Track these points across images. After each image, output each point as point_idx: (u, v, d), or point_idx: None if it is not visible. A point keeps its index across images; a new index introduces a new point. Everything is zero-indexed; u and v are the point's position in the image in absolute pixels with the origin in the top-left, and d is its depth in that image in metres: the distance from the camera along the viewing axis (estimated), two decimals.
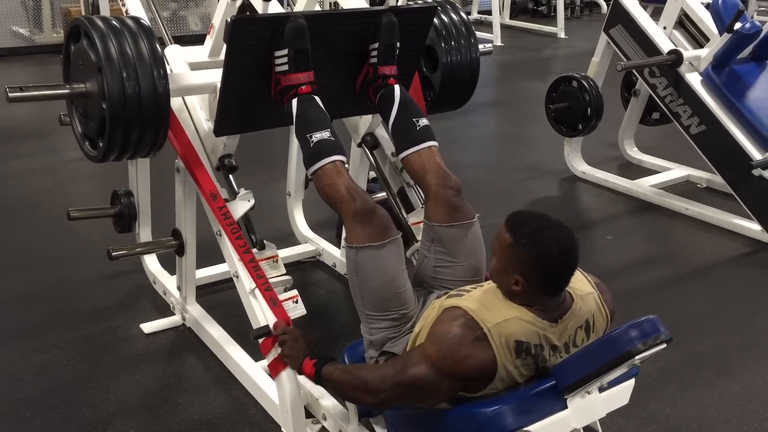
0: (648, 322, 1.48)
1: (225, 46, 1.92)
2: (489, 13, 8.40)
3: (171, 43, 2.37)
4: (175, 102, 2.15)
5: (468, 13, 9.54)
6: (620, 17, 3.78)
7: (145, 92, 1.90)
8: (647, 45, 3.65)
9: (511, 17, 9.24)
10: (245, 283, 2.05)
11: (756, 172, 3.27)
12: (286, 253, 3.03)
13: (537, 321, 1.58)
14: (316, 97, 1.97)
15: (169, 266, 2.76)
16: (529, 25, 9.03)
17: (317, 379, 1.79)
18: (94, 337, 2.56)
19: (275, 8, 2.26)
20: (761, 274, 3.16)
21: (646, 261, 3.27)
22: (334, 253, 3.01)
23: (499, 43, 8.02)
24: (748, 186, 3.38)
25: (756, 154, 3.32)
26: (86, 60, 1.93)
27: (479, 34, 8.18)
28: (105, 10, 5.26)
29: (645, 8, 3.86)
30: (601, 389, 1.61)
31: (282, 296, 2.03)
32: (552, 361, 1.60)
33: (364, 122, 2.49)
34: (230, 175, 2.20)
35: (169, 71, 2.03)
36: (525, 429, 1.54)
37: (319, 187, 1.90)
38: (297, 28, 1.91)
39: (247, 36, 1.90)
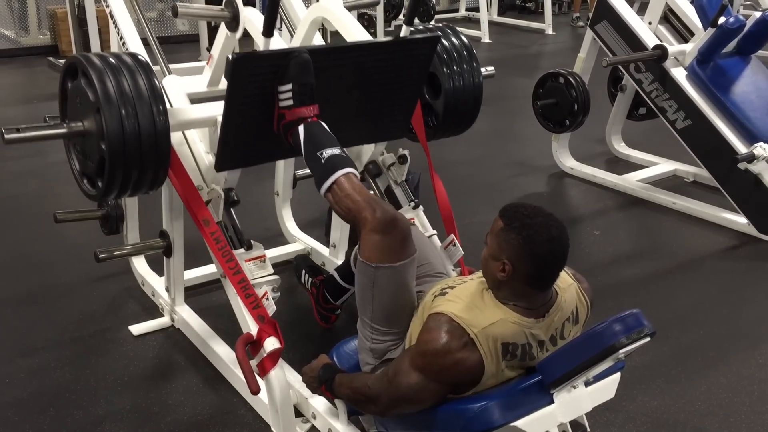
0: (632, 316, 1.49)
1: (227, 82, 1.88)
2: (477, 10, 8.40)
3: (168, 73, 2.32)
4: (175, 136, 2.08)
5: (456, 11, 9.55)
6: (605, 13, 3.79)
7: (145, 131, 1.86)
8: (632, 40, 3.67)
9: (499, 14, 9.25)
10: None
11: (741, 165, 3.30)
12: (274, 252, 3.03)
13: (522, 320, 1.59)
14: (323, 123, 1.94)
15: (158, 268, 2.75)
16: (517, 21, 9.05)
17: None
18: (83, 339, 2.55)
19: (277, 43, 2.21)
20: (747, 266, 3.18)
21: (633, 255, 3.29)
22: (323, 252, 3.01)
23: (486, 39, 8.03)
24: (734, 179, 3.41)
25: (741, 148, 3.34)
26: (84, 99, 1.89)
27: (467, 31, 8.19)
28: (91, 12, 5.26)
29: (631, 4, 3.89)
30: (587, 383, 1.63)
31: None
32: (539, 356, 1.62)
33: (366, 151, 2.48)
34: (231, 209, 2.17)
35: (168, 105, 1.99)
36: (512, 424, 1.55)
37: (336, 201, 1.81)
38: (302, 63, 1.88)
39: (250, 72, 1.87)
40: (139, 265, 2.86)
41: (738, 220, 3.46)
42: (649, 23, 3.77)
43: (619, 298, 2.82)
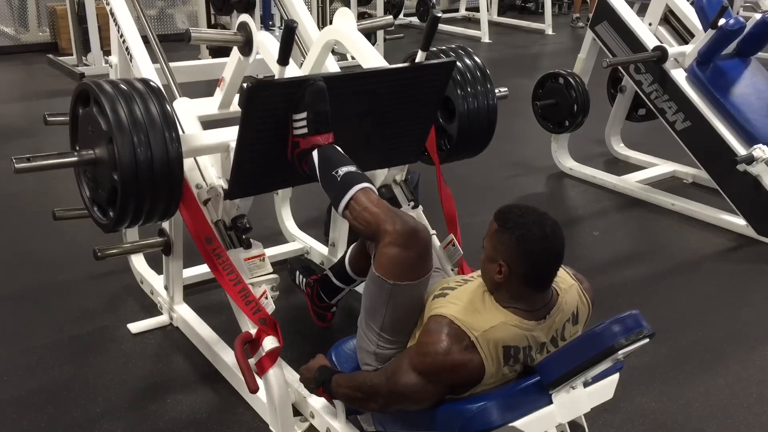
0: (631, 318, 1.49)
1: (241, 111, 1.87)
2: (477, 9, 8.40)
3: (179, 95, 2.29)
4: (186, 162, 2.01)
5: (456, 11, 9.55)
6: (606, 14, 3.79)
7: (158, 159, 1.82)
8: (632, 41, 3.67)
9: (499, 14, 9.24)
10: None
11: (740, 167, 3.30)
12: (274, 251, 3.03)
13: (522, 323, 1.60)
14: (336, 146, 1.92)
15: (157, 266, 2.75)
16: (517, 21, 9.05)
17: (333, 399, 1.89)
18: (81, 337, 2.55)
19: (291, 70, 2.18)
20: (746, 268, 3.19)
21: (632, 256, 3.30)
22: (322, 251, 3.01)
23: (486, 40, 8.03)
24: (733, 181, 3.41)
25: (740, 150, 3.34)
26: (96, 127, 1.86)
27: (466, 32, 8.20)
28: (91, 10, 5.26)
29: (631, 5, 3.89)
30: (586, 384, 1.63)
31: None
32: (539, 358, 1.62)
33: (379, 175, 2.45)
34: (243, 236, 2.13)
35: (180, 131, 1.96)
36: (510, 425, 1.55)
37: (354, 216, 1.75)
38: (317, 91, 1.85)
39: (264, 101, 1.86)
40: (138, 263, 2.86)
41: (737, 221, 3.46)
42: (649, 24, 3.78)
43: (617, 299, 2.82)
